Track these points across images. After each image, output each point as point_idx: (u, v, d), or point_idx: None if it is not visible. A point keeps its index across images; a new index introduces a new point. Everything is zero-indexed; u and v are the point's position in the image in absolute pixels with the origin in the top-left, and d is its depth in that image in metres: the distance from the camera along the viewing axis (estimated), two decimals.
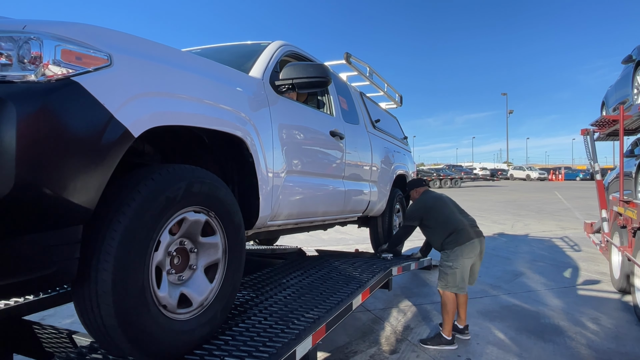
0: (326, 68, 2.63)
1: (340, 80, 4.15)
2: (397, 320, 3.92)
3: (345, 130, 3.52)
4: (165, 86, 1.68)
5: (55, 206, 1.26)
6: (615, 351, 3.22)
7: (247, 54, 2.82)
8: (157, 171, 1.60)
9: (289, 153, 2.59)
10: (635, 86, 5.00)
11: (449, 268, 3.45)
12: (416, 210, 3.79)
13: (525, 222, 11.07)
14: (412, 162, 5.92)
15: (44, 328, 2.21)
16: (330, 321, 2.28)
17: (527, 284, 5.12)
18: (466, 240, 3.48)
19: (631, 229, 4.21)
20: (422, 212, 3.73)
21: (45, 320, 2.69)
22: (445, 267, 3.48)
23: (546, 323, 3.83)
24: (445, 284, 3.45)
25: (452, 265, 3.45)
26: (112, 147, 1.39)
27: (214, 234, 1.88)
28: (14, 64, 1.27)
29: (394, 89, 5.78)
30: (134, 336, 1.48)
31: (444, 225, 3.59)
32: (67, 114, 1.27)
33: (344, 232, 8.85)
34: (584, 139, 5.69)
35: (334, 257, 4.33)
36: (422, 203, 3.80)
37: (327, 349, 3.21)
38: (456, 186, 31.54)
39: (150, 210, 1.51)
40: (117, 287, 1.40)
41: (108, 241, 1.40)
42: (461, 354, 3.19)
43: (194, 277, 1.80)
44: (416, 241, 8.48)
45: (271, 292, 2.65)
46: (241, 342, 1.86)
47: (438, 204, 3.75)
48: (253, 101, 2.32)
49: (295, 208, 2.78)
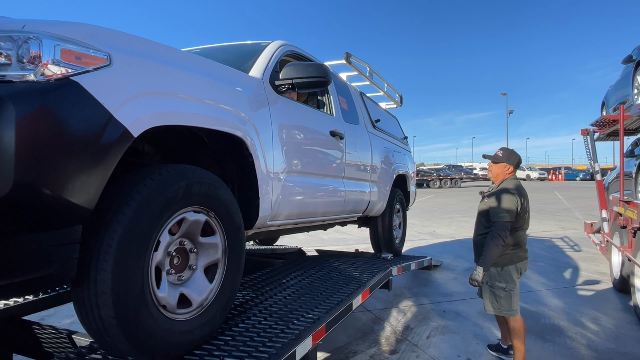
0: (326, 68, 2.63)
1: (340, 80, 4.15)
2: (397, 321, 3.92)
3: (345, 130, 3.52)
4: (165, 86, 1.68)
5: (55, 206, 1.26)
6: (615, 351, 3.22)
7: (247, 54, 2.82)
8: (156, 171, 1.60)
9: (288, 153, 2.59)
10: (635, 86, 5.00)
11: (502, 290, 2.94)
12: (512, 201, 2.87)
13: None
14: (412, 162, 5.91)
15: (44, 328, 2.21)
16: (330, 321, 2.28)
17: (527, 284, 5.11)
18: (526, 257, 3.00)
19: (631, 229, 4.21)
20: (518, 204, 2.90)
21: (45, 320, 2.69)
22: (498, 288, 2.95)
23: (546, 323, 3.83)
24: (499, 308, 2.96)
25: (505, 286, 2.94)
26: (111, 147, 1.38)
27: (213, 234, 1.88)
28: (13, 63, 1.27)
29: (394, 89, 5.77)
30: (133, 336, 1.47)
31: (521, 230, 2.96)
32: (67, 114, 1.27)
33: (344, 232, 8.84)
34: (584, 139, 5.69)
35: (334, 257, 4.33)
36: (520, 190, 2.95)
37: (327, 349, 3.21)
38: (456, 186, 31.54)
39: (150, 210, 1.51)
40: (117, 288, 1.40)
41: (107, 241, 1.39)
42: (461, 354, 3.19)
43: (194, 277, 1.80)
44: (416, 241, 8.50)
45: (271, 292, 2.65)
46: (241, 342, 1.86)
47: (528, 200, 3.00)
48: (253, 101, 2.32)
49: (295, 208, 2.77)
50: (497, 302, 2.96)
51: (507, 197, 2.89)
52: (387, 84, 5.42)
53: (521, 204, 2.89)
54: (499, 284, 2.95)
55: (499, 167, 3.09)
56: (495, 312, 2.99)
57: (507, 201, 2.87)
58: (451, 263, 6.35)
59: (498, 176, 3.10)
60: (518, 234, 2.94)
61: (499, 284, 2.95)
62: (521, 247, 2.96)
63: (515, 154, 3.11)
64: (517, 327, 2.91)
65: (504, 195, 2.90)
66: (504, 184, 3.01)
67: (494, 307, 2.99)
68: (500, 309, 2.95)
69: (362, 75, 4.65)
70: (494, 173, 3.13)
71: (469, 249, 7.43)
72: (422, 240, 8.28)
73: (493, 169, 3.13)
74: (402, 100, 6.06)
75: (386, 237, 4.72)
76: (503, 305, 2.94)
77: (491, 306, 3.00)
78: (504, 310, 2.94)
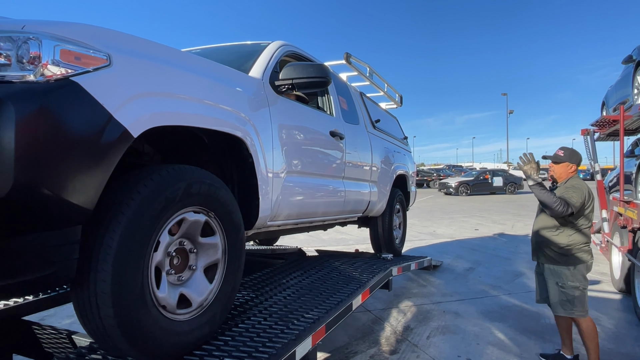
0: (326, 68, 2.63)
1: (340, 80, 4.15)
2: (397, 321, 3.92)
3: (345, 131, 3.52)
4: (164, 86, 1.68)
5: (54, 206, 1.26)
6: (615, 351, 3.21)
7: (247, 54, 2.82)
8: (156, 171, 1.60)
9: (288, 153, 2.59)
10: (635, 86, 5.00)
11: (576, 289, 2.87)
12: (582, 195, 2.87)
13: (526, 222, 11.06)
14: (412, 162, 5.91)
15: (44, 328, 2.21)
16: (330, 322, 2.28)
17: (527, 284, 5.11)
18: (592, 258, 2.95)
19: (631, 229, 4.21)
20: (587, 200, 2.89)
21: (45, 321, 2.70)
22: (571, 288, 2.88)
23: (546, 323, 3.82)
24: (572, 309, 2.88)
25: (579, 285, 2.87)
26: (111, 148, 1.38)
27: (213, 235, 1.87)
28: (13, 64, 1.27)
29: (394, 89, 5.77)
30: (133, 337, 1.47)
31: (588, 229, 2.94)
32: (66, 114, 1.27)
33: (344, 232, 8.84)
34: (584, 139, 5.69)
35: (334, 257, 4.33)
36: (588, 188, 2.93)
37: (327, 350, 3.21)
38: None
39: (150, 211, 1.51)
40: (116, 288, 1.40)
41: (107, 242, 1.39)
42: (461, 354, 3.19)
43: (194, 278, 1.80)
44: (416, 241, 8.50)
45: (271, 292, 2.65)
46: (241, 342, 1.86)
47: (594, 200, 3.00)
48: (253, 101, 2.32)
49: (295, 208, 2.77)
50: (570, 303, 2.86)
51: (577, 189, 2.89)
52: (387, 84, 5.42)
53: (590, 200, 2.90)
54: (572, 284, 2.87)
55: (562, 167, 3.07)
56: (567, 314, 2.90)
57: (578, 191, 2.87)
58: (451, 263, 6.35)
59: (561, 175, 3.08)
60: (586, 231, 2.93)
61: (572, 283, 2.87)
62: (589, 245, 2.94)
63: (577, 153, 3.11)
64: (590, 328, 2.85)
65: (574, 188, 2.91)
66: (571, 181, 2.99)
67: (565, 308, 2.89)
68: (574, 310, 2.86)
69: (362, 76, 4.65)
70: (557, 173, 3.11)
71: (469, 249, 7.46)
72: (422, 241, 8.28)
73: (555, 169, 3.11)
74: (402, 100, 6.06)
75: (386, 237, 4.72)
76: (577, 306, 2.86)
77: (562, 308, 2.90)
78: (577, 311, 2.86)
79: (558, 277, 2.92)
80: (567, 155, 3.06)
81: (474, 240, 8.38)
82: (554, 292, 2.94)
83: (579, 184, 2.93)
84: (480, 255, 6.96)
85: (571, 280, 2.88)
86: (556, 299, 2.93)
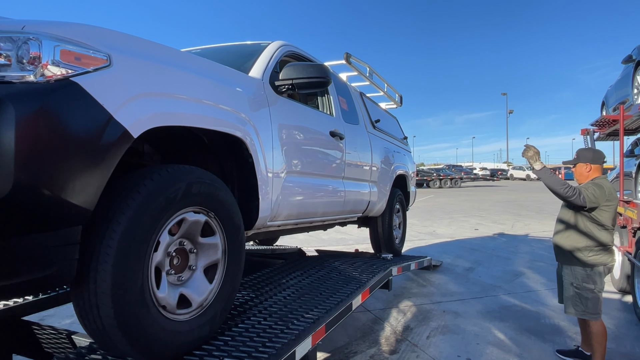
0: (326, 68, 2.63)
1: (340, 80, 4.15)
2: (397, 321, 3.92)
3: (345, 131, 3.52)
4: (164, 87, 1.68)
5: (54, 207, 1.26)
6: (615, 351, 3.21)
7: (247, 54, 2.82)
8: (156, 172, 1.60)
9: (288, 153, 2.59)
10: (635, 86, 5.00)
11: (590, 291, 2.85)
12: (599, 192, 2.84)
13: (525, 222, 11.07)
14: (412, 162, 5.92)
15: (44, 328, 2.21)
16: (330, 322, 2.28)
17: (527, 284, 5.12)
18: (613, 260, 2.93)
19: (631, 229, 4.21)
20: (606, 199, 2.86)
21: (45, 321, 2.69)
22: (586, 289, 2.86)
23: (546, 323, 3.83)
24: (584, 310, 2.87)
25: (594, 288, 2.85)
26: (111, 148, 1.38)
27: (213, 235, 1.88)
28: (13, 64, 1.27)
29: (393, 89, 5.77)
30: (133, 337, 1.47)
31: (611, 230, 2.92)
32: (66, 115, 1.27)
33: (344, 232, 8.84)
34: (584, 139, 5.70)
35: (333, 257, 4.33)
36: (610, 188, 2.90)
37: (327, 349, 3.21)
38: (456, 186, 31.54)
39: (150, 211, 1.51)
40: (116, 288, 1.40)
41: (107, 242, 1.39)
42: (461, 354, 3.19)
43: (194, 278, 1.80)
44: (416, 241, 8.50)
45: (271, 292, 2.65)
46: (241, 342, 1.86)
47: (617, 202, 2.97)
48: (253, 101, 2.32)
49: (295, 208, 2.77)
50: (582, 304, 2.86)
51: (597, 185, 2.87)
52: (387, 84, 5.42)
53: (611, 200, 2.87)
54: (587, 285, 2.85)
55: (579, 168, 3.10)
56: (579, 314, 2.90)
57: (597, 187, 2.85)
58: (451, 263, 6.35)
59: (581, 175, 3.09)
60: (608, 233, 2.90)
61: (588, 285, 2.85)
62: (610, 247, 2.91)
63: (589, 151, 3.15)
64: (600, 331, 2.84)
65: (595, 184, 2.90)
66: (596, 180, 2.97)
67: (577, 309, 2.89)
68: (585, 311, 2.85)
69: (362, 76, 4.65)
70: (576, 174, 3.13)
71: (468, 249, 7.46)
72: (422, 240, 8.28)
73: (574, 171, 3.14)
74: (402, 100, 6.07)
75: (386, 237, 4.72)
76: (589, 307, 2.84)
77: (574, 308, 2.91)
78: (588, 312, 2.84)
79: (574, 278, 2.92)
80: (579, 155, 3.10)
81: (474, 240, 8.38)
82: (569, 292, 2.95)
83: (601, 182, 2.91)
84: (480, 255, 6.97)
85: (587, 281, 2.87)
86: (569, 299, 2.94)
